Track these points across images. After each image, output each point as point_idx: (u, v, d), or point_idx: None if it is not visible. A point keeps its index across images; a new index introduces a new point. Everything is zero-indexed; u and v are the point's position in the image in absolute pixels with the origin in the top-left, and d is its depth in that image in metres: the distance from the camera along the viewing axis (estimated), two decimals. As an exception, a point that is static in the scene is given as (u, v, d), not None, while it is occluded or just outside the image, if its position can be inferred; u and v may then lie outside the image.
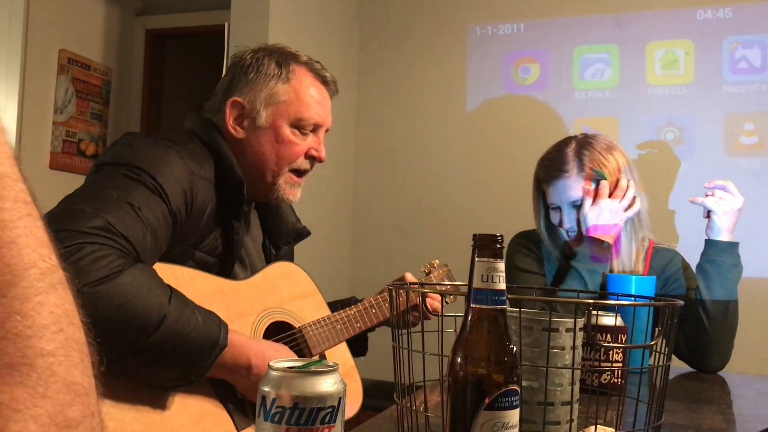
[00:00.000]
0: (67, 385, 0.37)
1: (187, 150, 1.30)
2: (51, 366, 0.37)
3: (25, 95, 3.47)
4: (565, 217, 1.66)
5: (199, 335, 1.11)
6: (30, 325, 0.37)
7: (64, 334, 0.38)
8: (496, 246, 0.68)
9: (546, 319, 0.84)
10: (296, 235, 1.58)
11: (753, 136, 3.10)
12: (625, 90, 3.29)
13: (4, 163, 0.39)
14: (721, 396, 1.38)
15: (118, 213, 1.10)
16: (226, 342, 1.14)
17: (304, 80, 1.40)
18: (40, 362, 0.36)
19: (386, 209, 3.63)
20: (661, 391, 0.88)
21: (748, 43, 3.13)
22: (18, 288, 0.37)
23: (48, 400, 0.36)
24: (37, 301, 0.38)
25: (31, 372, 0.36)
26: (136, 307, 1.04)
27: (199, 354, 1.11)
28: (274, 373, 0.63)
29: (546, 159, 1.72)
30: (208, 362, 1.13)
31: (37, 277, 0.38)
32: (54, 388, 0.36)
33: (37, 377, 0.36)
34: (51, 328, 0.38)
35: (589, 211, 1.63)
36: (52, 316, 0.38)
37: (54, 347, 0.37)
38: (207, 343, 1.12)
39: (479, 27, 3.54)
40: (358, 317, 1.49)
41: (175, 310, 1.08)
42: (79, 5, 3.83)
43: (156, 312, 1.06)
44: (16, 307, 0.37)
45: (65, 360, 0.38)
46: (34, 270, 0.38)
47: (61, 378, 0.37)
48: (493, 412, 0.65)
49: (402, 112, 3.64)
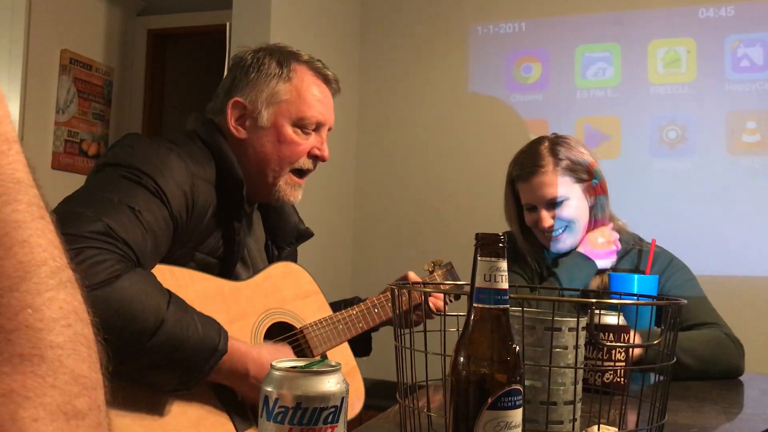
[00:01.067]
0: (74, 377, 0.39)
1: (188, 151, 1.30)
2: (60, 358, 0.38)
3: (27, 95, 3.47)
4: (543, 216, 1.62)
5: (198, 341, 1.11)
6: (40, 318, 0.39)
7: (73, 330, 0.40)
8: (498, 245, 0.67)
9: (549, 319, 0.84)
10: (299, 236, 1.57)
11: (755, 135, 3.10)
12: (627, 89, 3.29)
13: (20, 170, 0.42)
14: (724, 395, 1.38)
15: (118, 217, 1.10)
16: (226, 348, 1.14)
17: (305, 79, 1.40)
18: (50, 354, 0.38)
19: (388, 209, 3.63)
20: (664, 390, 0.87)
21: (750, 42, 3.12)
22: (29, 283, 0.39)
23: (57, 390, 0.37)
24: (47, 297, 0.40)
25: (41, 363, 0.37)
26: (133, 312, 1.04)
27: (197, 359, 1.11)
28: (276, 373, 0.63)
29: (519, 157, 1.68)
30: (207, 368, 1.12)
31: (47, 274, 0.40)
32: (62, 379, 0.38)
33: (46, 368, 0.37)
34: (60, 322, 0.40)
35: (584, 242, 1.63)
36: (62, 311, 0.40)
37: (63, 340, 0.39)
38: (206, 348, 1.12)
39: (481, 26, 3.53)
40: (360, 317, 1.49)
41: (173, 315, 1.08)
42: (80, 5, 3.84)
43: (154, 317, 1.06)
44: (27, 301, 0.39)
45: (73, 353, 0.39)
46: (45, 268, 0.40)
47: (69, 370, 0.39)
48: (496, 411, 0.65)
49: (403, 112, 3.64)
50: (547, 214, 1.62)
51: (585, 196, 1.66)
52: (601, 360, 1.13)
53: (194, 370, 1.12)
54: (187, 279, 1.23)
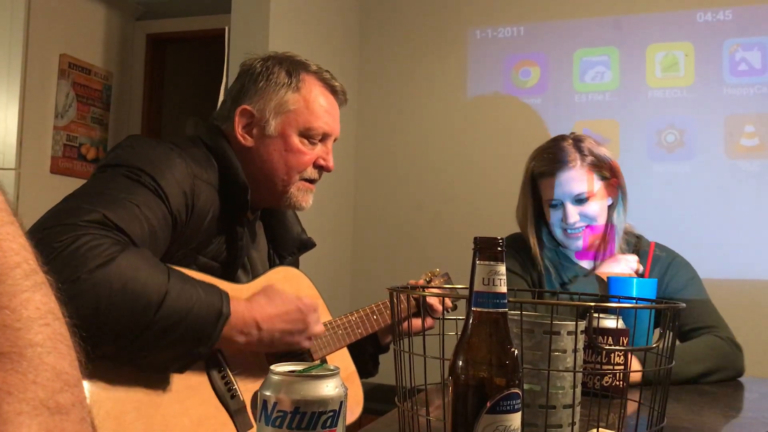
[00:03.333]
0: (56, 374, 0.39)
1: (191, 154, 1.31)
2: (40, 355, 0.39)
3: (26, 100, 3.47)
4: (569, 212, 1.62)
5: (203, 307, 1.11)
6: (18, 318, 0.39)
7: (51, 328, 0.41)
8: (496, 249, 0.68)
9: (547, 322, 0.84)
10: (301, 246, 1.58)
11: (753, 138, 3.10)
12: (625, 93, 3.29)
13: None
14: (723, 399, 1.38)
15: (115, 209, 1.11)
16: (229, 311, 1.14)
17: (313, 89, 1.40)
18: (29, 352, 0.39)
19: (387, 214, 3.63)
20: (663, 393, 0.87)
21: (748, 45, 3.13)
22: (4, 285, 0.40)
23: (38, 386, 0.38)
24: (24, 297, 0.40)
25: (22, 360, 0.38)
26: (136, 288, 1.04)
27: (205, 326, 1.11)
28: (275, 377, 0.63)
29: (544, 152, 1.67)
30: (215, 333, 1.12)
31: (22, 276, 0.41)
32: (44, 375, 0.38)
33: (27, 365, 0.38)
34: (38, 321, 0.40)
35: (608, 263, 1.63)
36: (39, 311, 0.41)
37: (42, 338, 0.40)
38: (211, 314, 1.12)
39: (479, 30, 3.54)
40: (359, 323, 1.49)
41: (175, 286, 1.09)
42: (79, 10, 3.84)
43: (156, 290, 1.06)
44: (4, 302, 0.39)
45: (53, 351, 0.40)
46: (19, 270, 0.41)
47: (50, 367, 0.39)
48: (494, 415, 0.65)
49: (402, 116, 3.64)
50: (573, 209, 1.62)
51: (606, 194, 1.66)
52: (599, 363, 1.13)
53: (203, 337, 1.12)
54: None
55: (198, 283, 1.14)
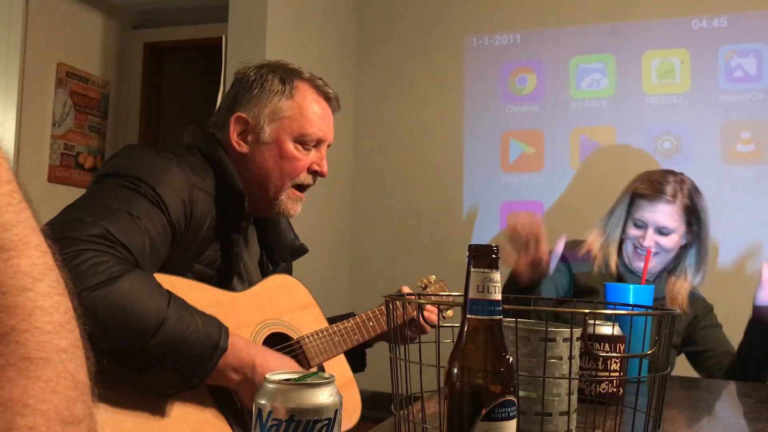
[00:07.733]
0: (74, 382, 0.40)
1: (188, 162, 1.32)
2: (64, 362, 0.40)
3: (24, 108, 3.48)
4: (648, 237, 1.79)
5: (200, 339, 1.11)
6: (50, 321, 0.40)
7: (74, 334, 0.42)
8: (491, 256, 0.68)
9: (543, 329, 0.84)
10: (294, 252, 1.59)
11: (749, 145, 3.11)
12: (621, 99, 3.30)
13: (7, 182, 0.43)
14: (720, 404, 1.38)
15: (117, 222, 1.11)
16: (226, 345, 1.14)
17: (307, 96, 1.42)
18: (56, 358, 0.39)
19: (384, 220, 3.63)
20: (659, 400, 0.88)
21: (743, 52, 3.14)
22: (43, 285, 0.40)
23: (57, 395, 0.38)
24: (56, 300, 0.41)
25: (47, 366, 0.38)
26: (134, 311, 1.04)
27: (200, 357, 1.11)
28: (269, 386, 0.63)
29: (651, 177, 1.85)
30: (209, 366, 1.12)
31: (56, 279, 0.42)
32: (64, 383, 0.39)
33: (51, 371, 0.38)
34: (66, 326, 0.41)
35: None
36: (66, 315, 0.41)
37: (66, 344, 0.40)
38: (208, 346, 1.12)
39: (476, 38, 3.55)
40: (355, 329, 1.50)
41: (174, 314, 1.09)
42: (77, 19, 3.85)
43: (155, 316, 1.06)
44: (39, 303, 0.40)
45: (75, 358, 0.41)
46: (54, 273, 0.42)
47: (70, 375, 0.40)
48: (490, 422, 0.65)
49: (400, 124, 3.65)
50: (653, 236, 1.80)
51: (686, 237, 1.85)
52: (596, 370, 1.13)
53: (197, 367, 1.11)
54: (186, 288, 1.24)
55: (198, 313, 1.14)
